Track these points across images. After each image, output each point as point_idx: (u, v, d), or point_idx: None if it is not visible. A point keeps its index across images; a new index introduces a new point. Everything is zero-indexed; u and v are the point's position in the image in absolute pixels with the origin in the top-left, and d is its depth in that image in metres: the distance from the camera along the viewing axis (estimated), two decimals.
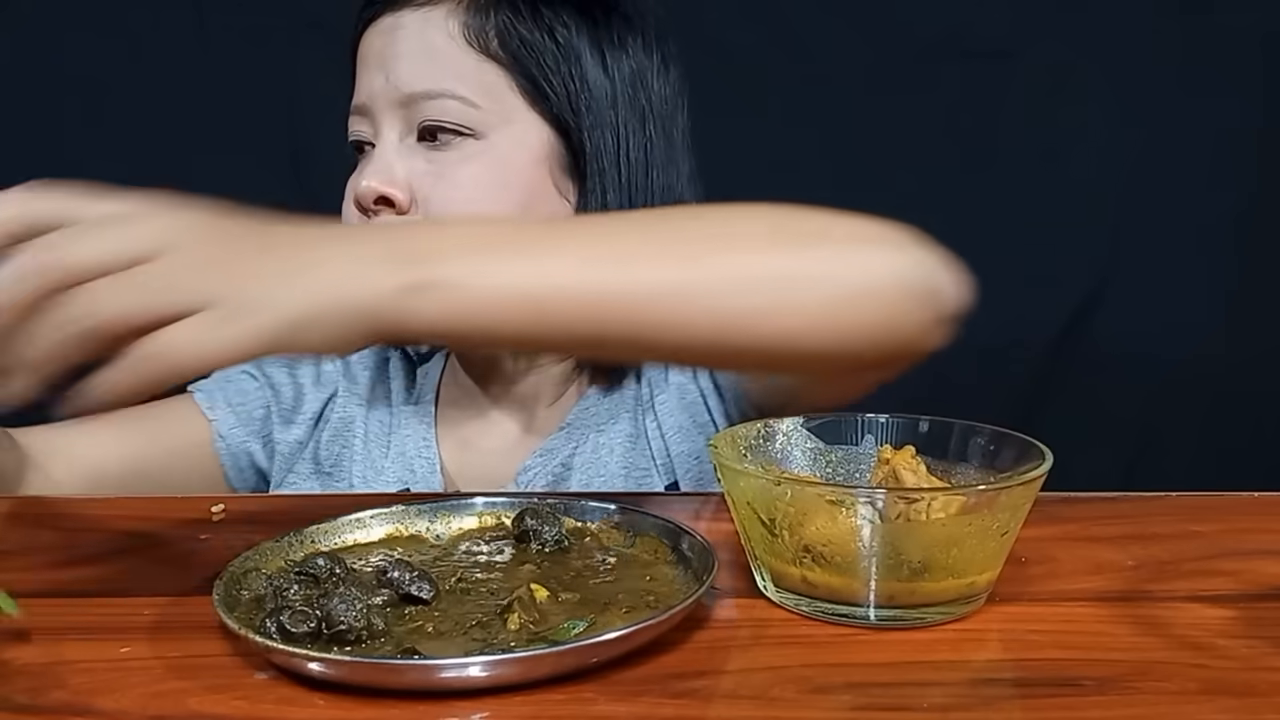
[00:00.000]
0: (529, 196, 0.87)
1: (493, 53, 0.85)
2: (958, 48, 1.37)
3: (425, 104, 0.85)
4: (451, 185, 0.85)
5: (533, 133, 0.87)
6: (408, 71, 0.85)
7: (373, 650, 0.49)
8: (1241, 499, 0.73)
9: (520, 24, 0.86)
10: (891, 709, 0.46)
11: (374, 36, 0.88)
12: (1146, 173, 1.41)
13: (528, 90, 0.86)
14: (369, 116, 0.88)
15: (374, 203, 0.85)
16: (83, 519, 0.70)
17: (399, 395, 0.97)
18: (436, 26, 0.86)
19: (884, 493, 0.54)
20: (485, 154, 0.85)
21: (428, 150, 0.86)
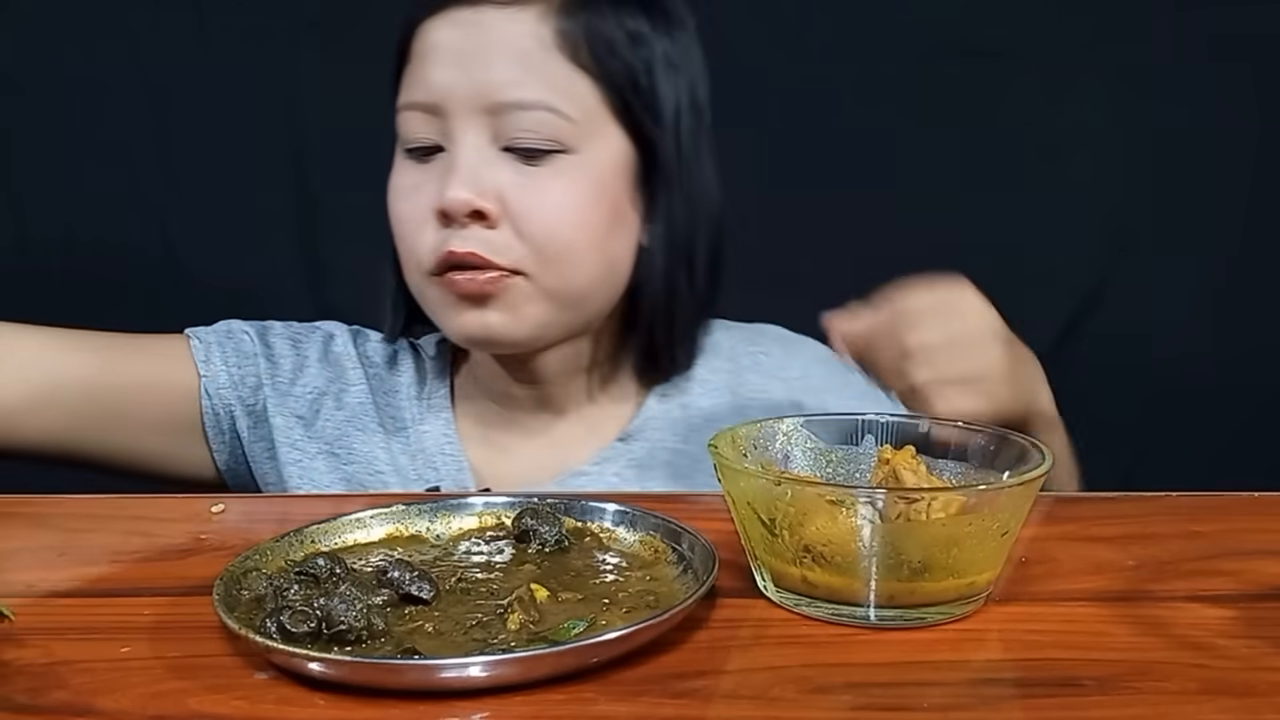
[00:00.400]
0: (614, 211, 0.86)
1: (583, 62, 0.83)
2: (958, 48, 1.37)
3: (519, 115, 0.82)
4: (545, 201, 0.83)
5: (616, 145, 0.85)
6: (499, 77, 0.82)
7: (373, 650, 0.49)
8: (1241, 499, 0.73)
9: (606, 29, 0.84)
10: (891, 709, 0.46)
11: (447, 29, 0.84)
12: (1146, 173, 1.40)
13: (613, 102, 0.84)
14: (440, 117, 0.83)
15: (465, 215, 0.81)
16: (83, 519, 0.70)
17: (410, 389, 0.95)
18: (528, 31, 0.82)
19: (884, 493, 0.54)
20: (577, 169, 0.83)
21: (515, 161, 0.83)
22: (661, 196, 0.87)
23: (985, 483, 0.58)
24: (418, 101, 0.84)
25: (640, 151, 0.86)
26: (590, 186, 0.84)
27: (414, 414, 0.94)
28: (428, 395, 0.95)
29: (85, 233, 1.41)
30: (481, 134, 0.82)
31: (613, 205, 0.86)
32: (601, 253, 0.85)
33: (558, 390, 0.92)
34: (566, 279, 0.84)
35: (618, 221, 0.86)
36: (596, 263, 0.85)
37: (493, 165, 0.82)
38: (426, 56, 0.84)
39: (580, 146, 0.83)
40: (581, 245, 0.84)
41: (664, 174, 0.87)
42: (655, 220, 0.88)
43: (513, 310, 0.83)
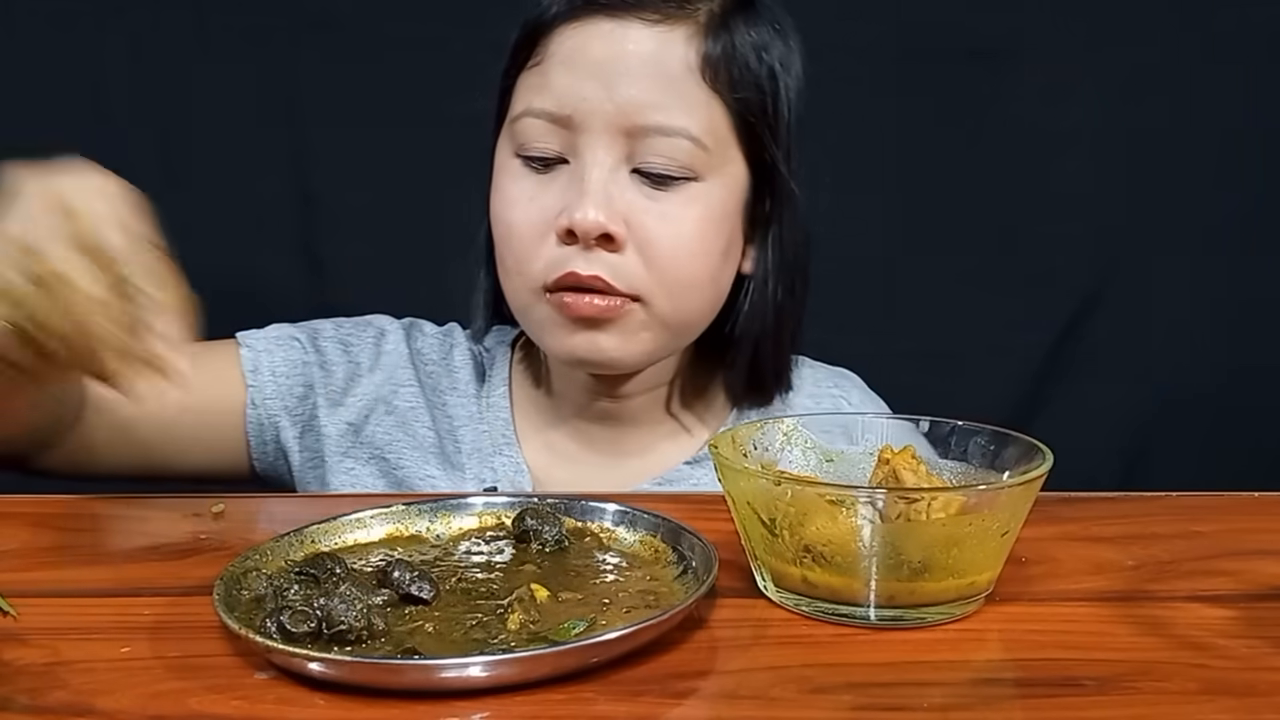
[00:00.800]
0: (730, 241, 0.85)
1: (719, 87, 0.81)
2: (957, 47, 1.37)
3: (657, 140, 0.79)
4: (673, 229, 0.81)
5: (739, 174, 0.84)
6: (642, 98, 0.79)
7: (372, 650, 0.49)
8: (1241, 499, 0.73)
9: (741, 47, 0.82)
10: (891, 709, 0.46)
11: (588, 39, 0.80)
12: (1146, 173, 1.40)
13: (740, 130, 0.83)
14: (569, 129, 0.80)
15: (595, 238, 0.79)
16: (83, 519, 0.70)
17: (468, 386, 0.93)
18: (675, 52, 0.80)
19: (884, 493, 0.54)
20: (704, 198, 0.82)
21: (645, 184, 0.80)
22: (775, 221, 0.86)
23: (985, 483, 0.58)
24: (547, 110, 0.80)
25: (754, 174, 0.85)
26: (714, 216, 0.82)
27: (470, 412, 0.92)
28: (486, 394, 0.93)
29: None
30: (614, 153, 0.79)
31: (729, 235, 0.84)
32: (715, 283, 0.85)
33: (633, 404, 0.90)
34: (682, 308, 0.83)
35: (731, 250, 0.85)
36: (711, 292, 0.85)
37: (622, 187, 0.80)
38: (561, 64, 0.80)
39: (709, 175, 0.81)
40: (702, 276, 0.83)
41: (779, 198, 0.85)
42: (767, 245, 0.86)
43: (626, 335, 0.82)
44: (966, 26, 1.37)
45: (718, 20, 0.81)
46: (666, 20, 0.80)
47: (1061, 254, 1.42)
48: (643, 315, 0.82)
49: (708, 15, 0.81)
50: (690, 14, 0.80)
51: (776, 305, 0.87)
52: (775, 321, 0.88)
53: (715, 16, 0.81)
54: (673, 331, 0.84)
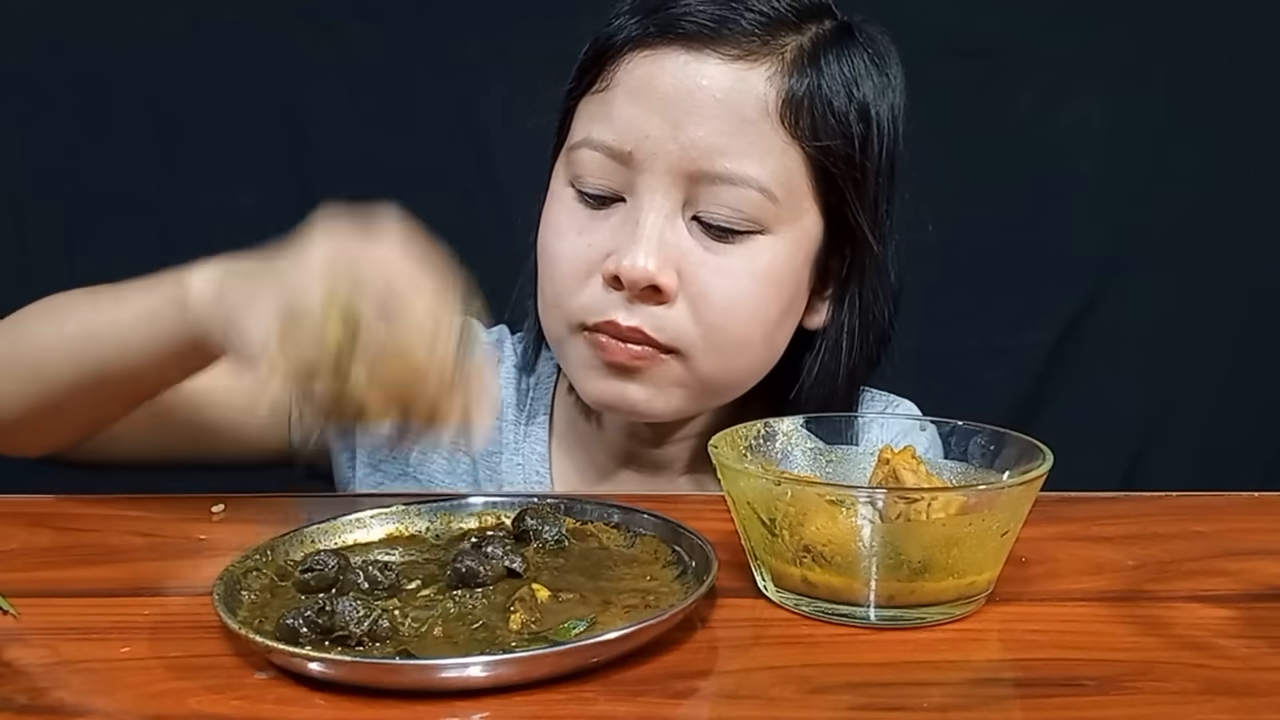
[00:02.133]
0: (793, 299, 0.78)
1: (800, 132, 0.74)
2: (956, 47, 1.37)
3: (722, 188, 0.72)
4: (729, 286, 0.74)
5: (811, 227, 0.77)
6: (709, 142, 0.72)
7: (369, 651, 0.49)
8: (1241, 499, 0.73)
9: (830, 86, 0.75)
10: (891, 709, 0.46)
11: (658, 73, 0.73)
12: (1146, 172, 1.40)
13: (818, 180, 0.75)
14: (627, 166, 0.74)
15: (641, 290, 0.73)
16: (83, 519, 0.70)
17: (509, 410, 0.88)
18: (753, 92, 0.73)
19: (884, 493, 0.54)
20: (769, 253, 0.74)
21: (704, 233, 0.74)
22: (854, 279, 0.79)
23: (985, 483, 0.58)
24: (606, 144, 0.74)
25: (830, 226, 0.77)
26: (778, 273, 0.75)
27: (509, 437, 0.87)
28: (526, 419, 0.87)
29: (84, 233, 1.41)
30: (674, 198, 0.73)
31: (794, 293, 0.77)
32: (770, 346, 0.78)
33: (674, 452, 0.85)
34: (725, 367, 0.77)
35: (794, 309, 0.78)
36: (761, 352, 0.78)
37: (680, 235, 0.74)
38: (627, 94, 0.74)
39: (777, 228, 0.74)
40: (755, 336, 0.76)
41: (859, 256, 0.78)
42: (844, 304, 0.80)
43: (659, 388, 0.76)
44: (966, 26, 1.37)
45: (806, 56, 0.74)
46: (747, 56, 0.73)
47: (1062, 254, 1.42)
48: (679, 370, 0.76)
49: (795, 51, 0.74)
50: (775, 50, 0.74)
51: (850, 368, 0.81)
52: (846, 384, 0.81)
53: (804, 52, 0.75)
54: (712, 390, 0.78)
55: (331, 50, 1.37)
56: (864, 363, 0.82)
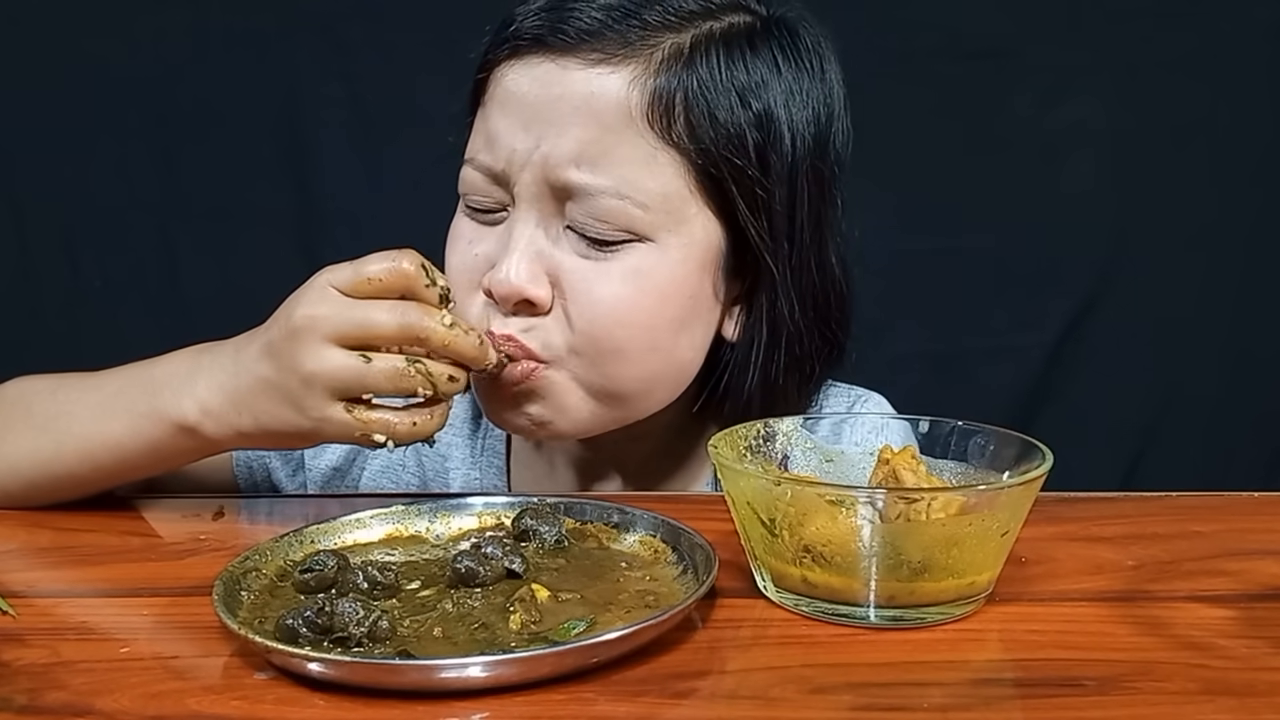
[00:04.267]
0: (690, 307, 0.74)
1: (674, 137, 0.70)
2: (957, 48, 1.37)
3: (586, 200, 0.70)
4: (604, 293, 0.71)
5: (701, 233, 0.73)
6: (565, 151, 0.70)
7: (369, 652, 0.49)
8: (1241, 499, 0.73)
9: (712, 90, 0.71)
10: (891, 709, 0.46)
11: (525, 81, 0.72)
12: (1147, 172, 1.40)
13: (705, 184, 0.72)
14: (502, 185, 0.73)
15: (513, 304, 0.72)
16: (83, 519, 0.70)
17: (463, 426, 0.87)
18: (614, 97, 0.70)
19: (884, 493, 0.54)
20: (647, 260, 0.71)
21: (581, 243, 0.71)
22: (761, 284, 0.75)
23: (985, 483, 0.58)
24: (483, 164, 0.73)
25: (733, 232, 0.74)
26: (663, 282, 0.72)
27: (464, 455, 0.86)
28: (482, 435, 0.86)
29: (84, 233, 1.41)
30: (544, 210, 0.72)
31: (688, 301, 0.74)
32: (663, 353, 0.75)
33: (623, 460, 0.83)
34: (609, 376, 0.73)
35: (693, 317, 0.75)
36: (655, 363, 0.74)
37: (555, 245, 0.72)
38: (499, 107, 0.73)
39: (658, 235, 0.71)
40: (637, 347, 0.73)
41: (765, 261, 0.74)
42: (751, 314, 0.77)
43: (552, 405, 0.73)
44: (966, 26, 1.38)
45: (682, 57, 0.71)
46: (610, 60, 0.70)
47: (1062, 254, 1.43)
48: (562, 381, 0.73)
49: (669, 50, 0.71)
50: (642, 51, 0.71)
51: (766, 381, 0.77)
52: (762, 397, 0.77)
53: (679, 52, 0.71)
54: (610, 402, 0.75)
55: (331, 50, 1.37)
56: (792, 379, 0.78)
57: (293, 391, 0.63)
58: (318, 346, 0.62)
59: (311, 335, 0.62)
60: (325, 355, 0.62)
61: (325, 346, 0.62)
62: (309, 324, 0.62)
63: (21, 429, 0.72)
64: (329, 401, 0.62)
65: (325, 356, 0.62)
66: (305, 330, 0.62)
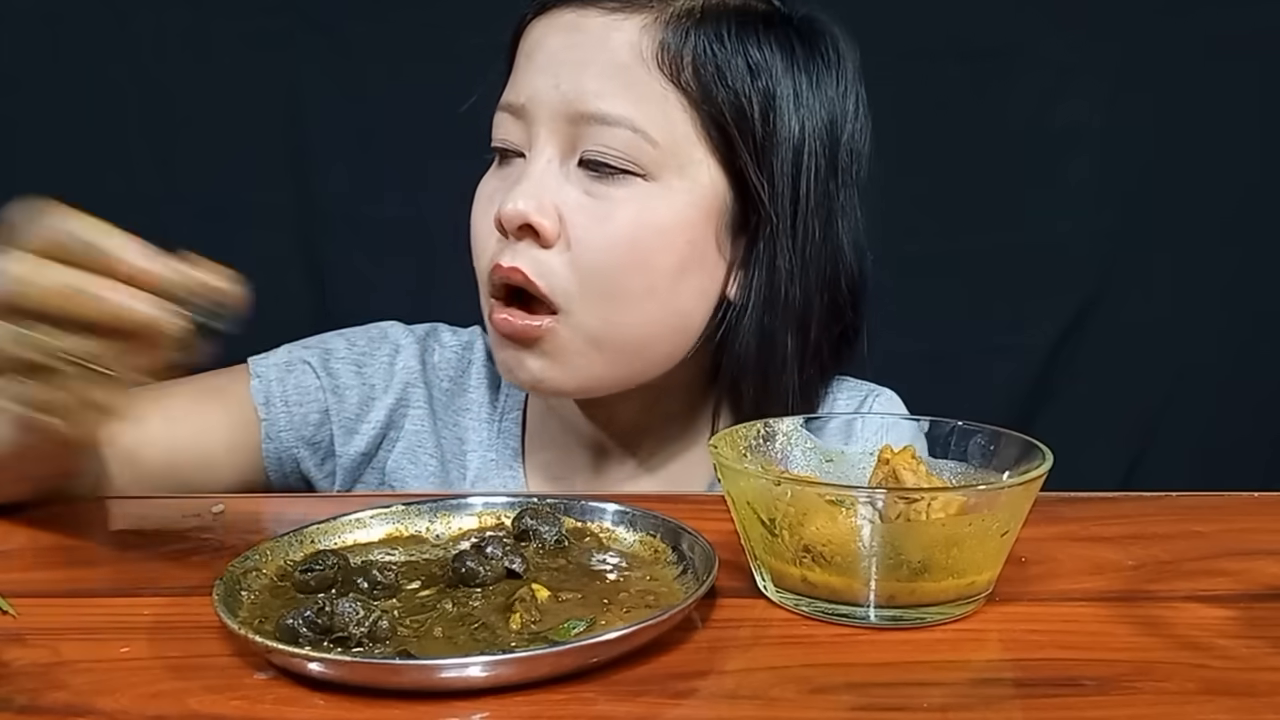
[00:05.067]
0: (691, 253, 0.77)
1: (683, 83, 0.76)
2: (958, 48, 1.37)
3: (596, 129, 0.75)
4: (608, 229, 0.75)
5: (707, 182, 0.77)
6: (583, 86, 0.75)
7: (369, 652, 0.49)
8: (1241, 499, 0.73)
9: (721, 52, 0.76)
10: (891, 709, 0.46)
11: (548, 32, 0.78)
12: (1146, 172, 1.40)
13: (712, 134, 0.77)
14: (524, 121, 0.77)
15: (518, 229, 0.75)
16: (83, 519, 0.70)
17: (482, 409, 0.89)
18: (626, 40, 0.76)
19: (884, 493, 0.54)
20: (652, 200, 0.75)
21: (588, 179, 0.76)
22: (763, 246, 0.79)
23: (985, 483, 0.58)
24: (507, 102, 0.79)
25: (738, 190, 0.78)
26: (661, 222, 0.76)
27: (481, 438, 0.88)
28: (499, 416, 0.89)
29: None
30: (558, 144, 0.76)
31: (689, 246, 0.77)
32: (662, 298, 0.77)
33: (636, 439, 0.86)
34: (612, 323, 0.77)
35: (694, 265, 0.78)
36: (654, 309, 0.77)
37: (562, 180, 0.76)
38: (525, 56, 0.79)
39: (659, 174, 0.76)
40: (636, 287, 0.76)
41: (769, 223, 0.78)
42: (749, 271, 0.79)
43: (556, 358, 0.77)
44: (966, 26, 1.38)
45: (694, 16, 0.77)
46: (626, 8, 0.76)
47: (1062, 254, 1.43)
48: (566, 334, 0.76)
49: (681, 8, 0.77)
50: (658, 6, 0.77)
51: (764, 337, 0.80)
52: (762, 356, 0.80)
53: (690, 12, 0.77)
54: (612, 353, 0.78)
55: (331, 50, 1.37)
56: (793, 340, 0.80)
57: None
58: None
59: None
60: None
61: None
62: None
63: None
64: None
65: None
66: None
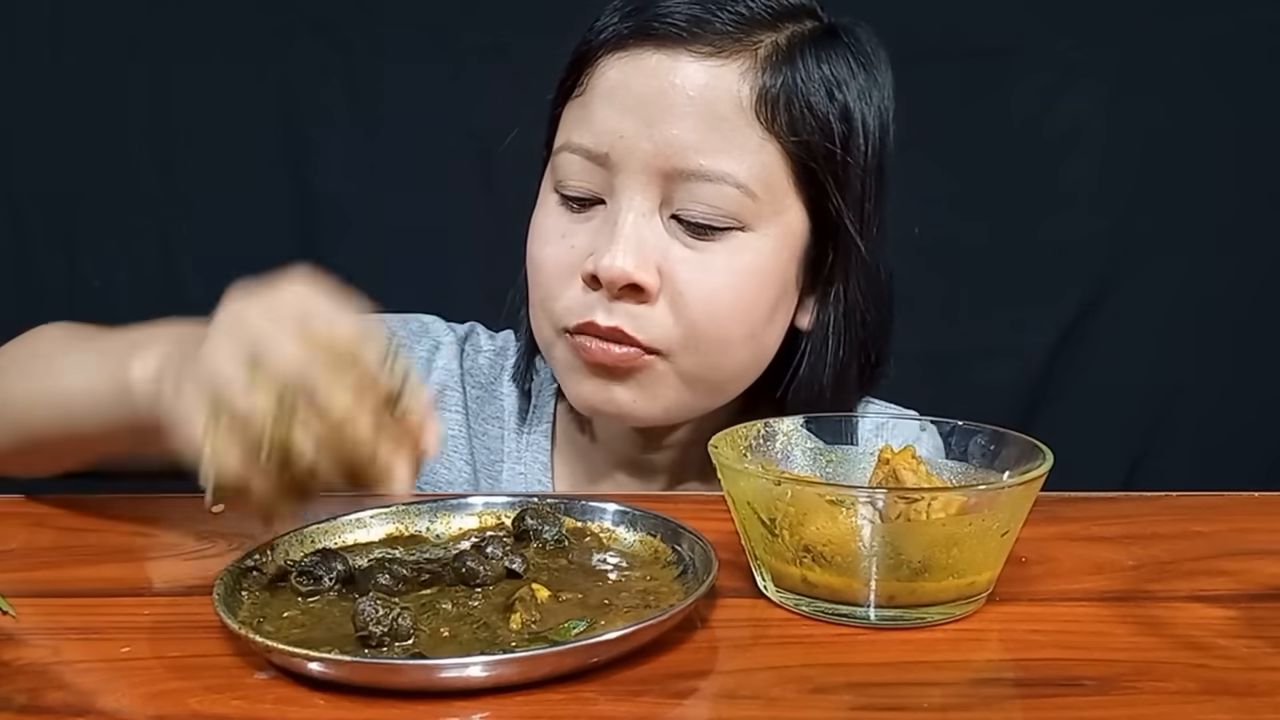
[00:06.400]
0: (779, 296, 0.77)
1: (778, 129, 0.74)
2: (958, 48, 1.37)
3: (699, 185, 0.72)
4: (710, 282, 0.74)
5: (795, 222, 0.76)
6: (684, 139, 0.72)
7: (391, 651, 0.49)
8: (1241, 499, 0.73)
9: (808, 86, 0.74)
10: (891, 709, 0.46)
11: (632, 74, 0.74)
12: (1146, 173, 1.40)
13: (800, 176, 0.75)
14: (606, 169, 0.74)
15: (620, 290, 0.73)
16: (83, 519, 0.70)
17: (512, 418, 0.87)
18: (726, 89, 0.73)
19: (884, 493, 0.54)
20: (750, 251, 0.74)
21: (685, 232, 0.74)
22: (839, 276, 0.78)
23: (985, 483, 0.58)
24: (584, 147, 0.75)
25: (815, 223, 0.77)
26: (760, 270, 0.75)
27: (512, 447, 0.87)
28: (528, 429, 0.87)
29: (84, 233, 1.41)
30: (651, 197, 0.73)
31: (779, 289, 0.77)
32: (755, 341, 0.77)
33: (675, 459, 0.84)
34: (711, 366, 0.76)
35: (782, 304, 0.78)
36: (748, 351, 0.77)
37: (658, 234, 0.74)
38: (602, 97, 0.75)
39: (758, 225, 0.74)
40: (738, 334, 0.76)
41: (843, 252, 0.77)
42: (829, 302, 0.79)
43: (645, 390, 0.76)
44: (966, 26, 1.37)
45: (782, 53, 0.74)
46: (720, 53, 0.73)
47: (1062, 254, 1.42)
48: (663, 369, 0.75)
49: (770, 48, 0.74)
50: (749, 46, 0.74)
51: (838, 368, 0.80)
52: (834, 384, 0.80)
53: (779, 49, 0.74)
54: (701, 390, 0.77)
55: (331, 50, 1.37)
56: (855, 365, 0.81)
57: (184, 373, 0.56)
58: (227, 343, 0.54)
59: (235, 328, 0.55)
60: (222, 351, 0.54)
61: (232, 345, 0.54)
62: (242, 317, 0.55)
63: (15, 371, 0.71)
64: (200, 401, 0.53)
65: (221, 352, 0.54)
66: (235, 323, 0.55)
